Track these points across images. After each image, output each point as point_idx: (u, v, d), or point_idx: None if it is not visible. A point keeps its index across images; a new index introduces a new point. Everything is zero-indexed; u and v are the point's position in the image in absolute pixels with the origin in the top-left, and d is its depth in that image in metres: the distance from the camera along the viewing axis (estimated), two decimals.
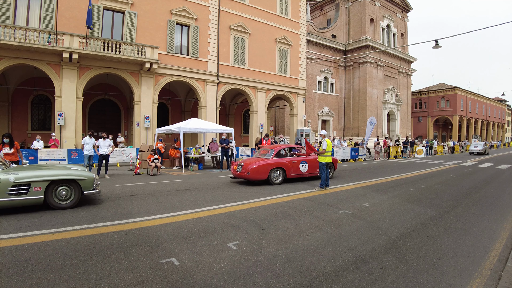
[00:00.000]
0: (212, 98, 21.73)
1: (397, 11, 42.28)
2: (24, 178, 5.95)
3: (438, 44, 18.50)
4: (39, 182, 6.10)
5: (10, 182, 5.80)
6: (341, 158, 20.04)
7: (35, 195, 6.04)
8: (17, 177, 5.89)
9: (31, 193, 6.01)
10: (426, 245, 4.42)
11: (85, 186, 6.64)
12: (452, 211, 6.58)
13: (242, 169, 9.88)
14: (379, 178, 11.71)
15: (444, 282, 3.30)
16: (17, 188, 5.85)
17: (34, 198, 6.05)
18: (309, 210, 6.45)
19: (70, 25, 16.41)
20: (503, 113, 75.69)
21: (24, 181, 5.93)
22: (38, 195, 6.08)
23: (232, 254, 3.97)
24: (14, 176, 5.88)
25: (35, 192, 6.05)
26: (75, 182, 6.55)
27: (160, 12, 19.37)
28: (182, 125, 14.68)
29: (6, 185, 5.74)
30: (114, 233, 4.79)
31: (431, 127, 55.94)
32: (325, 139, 9.24)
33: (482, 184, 10.57)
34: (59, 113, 16.24)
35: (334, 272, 3.50)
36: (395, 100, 41.38)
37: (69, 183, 6.50)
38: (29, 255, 3.82)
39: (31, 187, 6.00)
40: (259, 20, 23.90)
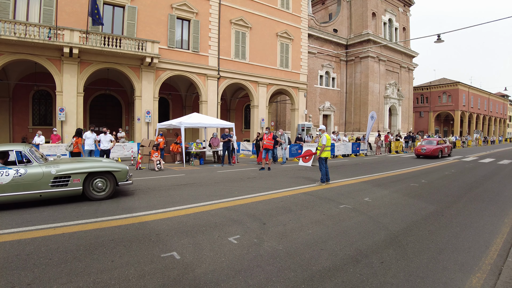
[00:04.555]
0: (213, 93, 21.68)
1: (399, 5, 41.90)
2: (64, 171, 6.35)
3: (440, 38, 18.34)
4: (78, 174, 6.51)
5: (52, 175, 6.19)
6: (342, 153, 20.03)
7: (74, 186, 6.45)
8: (58, 169, 6.29)
9: (71, 185, 6.41)
10: (427, 240, 4.43)
11: (119, 178, 7.05)
12: (453, 206, 6.58)
13: (427, 151, 18.70)
14: (380, 173, 11.71)
15: (444, 277, 3.31)
16: (58, 180, 6.25)
17: (74, 189, 6.46)
18: (310, 204, 6.46)
19: (70, 19, 16.33)
20: (505, 108, 75.29)
21: (64, 173, 6.33)
22: (77, 186, 6.49)
23: (233, 248, 3.98)
24: (55, 168, 6.28)
25: (75, 184, 6.46)
26: (111, 174, 6.94)
27: (161, 6, 19.25)
28: (183, 120, 14.67)
29: (49, 177, 6.14)
30: (115, 227, 4.81)
31: (432, 122, 55.73)
32: (324, 134, 9.23)
33: (483, 179, 10.56)
34: (60, 108, 16.24)
35: (334, 266, 3.51)
36: (397, 95, 41.20)
37: (105, 175, 6.88)
38: (31, 250, 3.84)
39: (71, 179, 6.41)
40: (260, 14, 23.74)
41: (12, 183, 5.83)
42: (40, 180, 6.08)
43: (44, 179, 6.11)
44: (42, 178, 6.10)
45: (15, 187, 5.86)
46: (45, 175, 6.13)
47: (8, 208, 5.81)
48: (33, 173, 6.06)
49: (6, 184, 5.77)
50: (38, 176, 6.08)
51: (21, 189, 5.93)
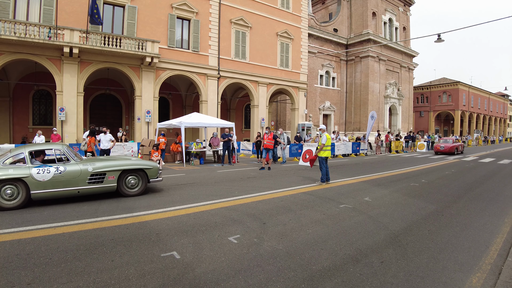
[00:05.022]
0: (213, 93, 21.68)
1: (399, 4, 41.88)
2: (100, 168, 6.72)
3: (440, 38, 18.32)
4: (113, 171, 6.88)
5: (89, 172, 6.57)
6: (342, 153, 20.04)
7: (109, 183, 6.83)
8: (94, 167, 6.67)
9: (106, 182, 6.79)
10: (427, 240, 4.43)
11: (151, 175, 7.42)
12: (453, 205, 6.58)
13: (445, 148, 21.90)
14: (380, 173, 11.71)
15: (444, 276, 3.31)
16: (95, 177, 6.62)
17: (109, 186, 6.84)
18: (310, 204, 6.46)
19: (70, 19, 16.33)
20: (506, 108, 75.24)
21: (100, 171, 6.70)
22: (112, 183, 6.87)
23: (233, 248, 3.98)
24: (92, 166, 6.66)
25: (110, 181, 6.83)
26: (143, 171, 7.31)
27: (161, 6, 19.25)
28: (183, 119, 14.67)
29: (86, 175, 6.53)
30: (115, 227, 4.81)
31: (432, 121, 55.71)
32: (325, 133, 9.22)
33: (483, 179, 10.55)
34: (60, 108, 16.25)
35: (334, 266, 3.51)
36: (397, 95, 41.18)
37: (137, 172, 7.25)
38: (31, 249, 3.85)
39: (106, 176, 6.77)
40: (260, 13, 23.73)
41: (53, 180, 6.16)
42: (78, 177, 6.46)
43: (82, 176, 6.49)
44: (80, 175, 6.47)
45: (56, 184, 6.19)
46: (82, 173, 6.50)
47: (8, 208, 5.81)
48: (72, 170, 6.41)
49: (47, 181, 6.11)
50: (77, 174, 6.45)
51: (61, 185, 6.27)
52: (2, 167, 5.97)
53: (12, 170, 5.95)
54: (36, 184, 6.03)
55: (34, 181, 6.00)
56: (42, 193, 6.09)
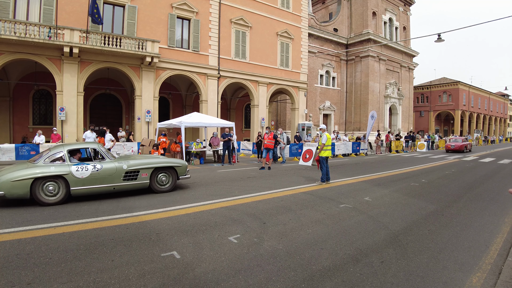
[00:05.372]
0: (213, 92, 21.67)
1: (399, 4, 41.86)
2: (134, 166, 7.10)
3: (440, 37, 18.33)
4: (146, 169, 7.26)
5: (124, 169, 6.94)
6: (342, 153, 20.04)
7: (142, 180, 7.21)
8: (128, 165, 7.05)
9: (140, 178, 7.17)
10: (427, 239, 4.43)
11: (180, 172, 7.83)
12: (453, 205, 6.58)
13: (455, 147, 24.44)
14: (380, 173, 11.71)
15: (444, 276, 3.31)
16: (129, 174, 7.00)
17: (142, 182, 7.21)
18: (310, 204, 6.46)
19: (71, 19, 16.32)
20: (506, 107, 75.21)
21: (134, 168, 7.08)
22: (145, 180, 7.25)
23: (233, 248, 3.98)
24: (126, 164, 7.03)
25: (143, 178, 7.21)
26: (173, 169, 7.69)
27: (161, 5, 19.24)
28: (183, 119, 14.66)
29: (121, 172, 6.90)
30: (115, 226, 4.81)
31: (433, 121, 55.69)
32: (325, 133, 9.22)
33: (483, 179, 10.55)
34: (60, 108, 16.24)
35: (334, 266, 3.51)
36: (397, 95, 41.17)
37: (168, 170, 7.62)
38: (31, 249, 3.85)
39: (140, 173, 7.15)
40: (260, 13, 23.72)
41: (91, 177, 6.53)
42: (114, 174, 6.81)
43: (117, 174, 6.85)
44: (115, 173, 6.83)
45: (93, 181, 6.56)
46: (118, 170, 6.86)
47: (8, 208, 5.81)
48: (108, 168, 6.77)
49: (85, 178, 6.47)
50: (112, 171, 6.80)
51: (98, 182, 6.64)
52: (44, 165, 6.30)
53: (53, 168, 6.28)
54: (76, 181, 6.38)
55: (73, 178, 6.36)
56: (80, 190, 6.46)
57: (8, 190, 5.83)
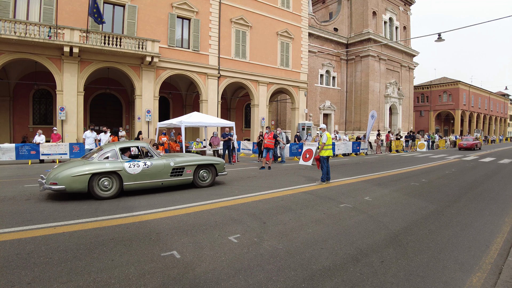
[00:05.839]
0: (213, 92, 21.67)
1: (399, 4, 41.83)
2: (180, 163, 7.68)
3: (440, 37, 18.31)
4: (190, 166, 7.86)
5: (171, 166, 7.49)
6: (342, 152, 20.04)
7: (187, 176, 7.80)
8: (175, 162, 7.59)
9: (185, 175, 7.75)
10: (427, 239, 4.42)
11: (219, 169, 8.44)
12: (453, 205, 6.57)
13: (467, 145, 27.41)
14: (380, 172, 11.70)
15: (444, 276, 3.31)
16: (176, 171, 7.58)
17: (187, 178, 7.80)
18: (310, 203, 6.45)
19: (71, 18, 16.32)
20: (506, 107, 75.17)
21: (180, 165, 7.66)
22: (189, 176, 7.85)
23: (233, 247, 3.98)
24: (173, 161, 7.57)
25: (187, 174, 7.80)
26: (213, 166, 8.33)
27: (161, 5, 19.24)
28: (183, 119, 14.65)
29: (168, 169, 7.45)
30: (115, 226, 4.81)
31: (433, 121, 55.67)
32: (325, 132, 9.21)
33: (483, 179, 10.55)
34: (60, 108, 16.25)
35: (334, 265, 3.51)
36: (397, 94, 41.15)
37: (209, 167, 8.25)
38: (31, 249, 3.84)
39: (185, 170, 7.74)
40: (261, 13, 23.71)
41: (142, 173, 7.05)
42: (162, 171, 7.35)
43: (165, 170, 7.40)
44: (164, 169, 7.37)
45: (144, 177, 7.09)
46: (165, 167, 7.40)
47: (8, 208, 5.81)
48: (157, 164, 7.31)
49: (137, 174, 6.99)
50: (161, 167, 7.34)
51: (148, 178, 7.16)
52: (99, 162, 6.78)
53: (108, 164, 6.77)
54: (128, 177, 6.88)
55: (126, 174, 6.86)
56: (132, 185, 6.97)
57: (68, 184, 6.30)
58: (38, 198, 6.68)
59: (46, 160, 14.24)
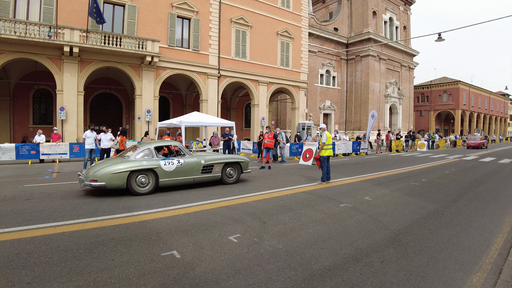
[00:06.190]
0: (213, 92, 21.66)
1: (399, 4, 41.82)
2: (209, 161, 8.20)
3: (441, 37, 18.31)
4: (219, 163, 8.39)
5: (202, 164, 8.03)
6: (343, 152, 20.03)
7: (215, 173, 8.31)
8: (205, 160, 8.14)
9: (213, 172, 8.26)
10: (427, 239, 4.42)
11: (244, 167, 8.96)
12: (453, 205, 6.57)
13: (475, 144, 29.97)
14: (380, 172, 11.70)
15: (444, 276, 3.31)
16: (206, 168, 8.11)
17: (215, 175, 8.32)
18: (310, 203, 6.45)
19: (71, 18, 16.32)
20: (506, 107, 75.16)
21: (210, 163, 8.19)
22: (218, 173, 8.36)
23: (233, 247, 3.98)
24: (203, 159, 8.11)
25: (216, 171, 8.32)
26: (239, 164, 8.84)
27: (161, 5, 19.23)
28: (183, 118, 14.63)
29: (199, 166, 7.99)
30: (115, 226, 4.80)
31: (433, 121, 55.66)
32: (325, 132, 9.20)
33: (483, 178, 10.54)
34: (60, 107, 16.25)
35: (335, 265, 3.51)
36: (397, 94, 41.14)
37: (234, 165, 8.76)
38: (31, 248, 3.84)
39: (214, 167, 8.27)
40: (261, 12, 23.70)
41: (176, 170, 7.54)
42: (194, 168, 7.87)
43: (197, 167, 7.92)
44: (195, 166, 7.89)
45: (177, 174, 7.58)
46: (197, 164, 7.92)
47: (7, 208, 5.81)
48: (190, 162, 7.83)
49: (171, 171, 7.47)
50: (193, 165, 7.86)
51: (181, 175, 7.66)
52: (136, 160, 7.23)
53: (145, 162, 7.22)
54: (163, 174, 7.33)
55: (162, 171, 7.31)
56: (167, 181, 7.43)
57: (108, 181, 6.70)
58: (38, 198, 6.68)
59: (46, 160, 14.24)
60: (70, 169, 12.08)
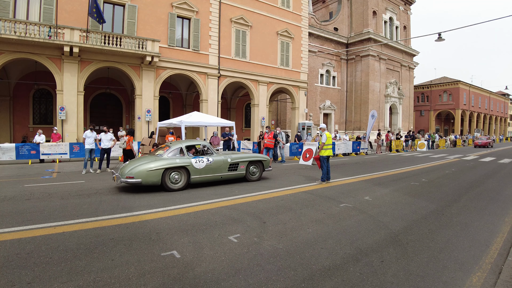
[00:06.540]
0: (213, 92, 21.66)
1: (400, 3, 41.81)
2: (235, 159, 8.70)
3: (441, 37, 18.31)
4: (243, 162, 8.88)
5: (229, 162, 8.51)
6: (343, 152, 20.03)
7: (240, 171, 8.82)
8: (231, 158, 8.63)
9: (239, 170, 8.76)
10: (427, 239, 4.42)
11: (265, 165, 9.50)
12: (453, 205, 6.57)
13: (482, 143, 32.17)
14: (380, 172, 11.70)
15: (444, 276, 3.31)
16: (232, 166, 8.59)
17: (240, 173, 8.83)
18: (310, 203, 6.45)
19: (71, 18, 16.32)
20: (506, 107, 75.14)
21: (235, 161, 8.67)
22: (243, 171, 8.87)
23: (233, 247, 3.98)
24: (230, 158, 8.60)
25: (241, 169, 8.82)
26: (261, 162, 9.36)
27: (161, 5, 19.23)
28: (183, 118, 14.63)
29: (227, 164, 8.48)
30: (115, 226, 4.81)
31: (433, 121, 55.65)
32: (325, 132, 9.20)
33: (483, 178, 10.54)
34: (60, 107, 16.25)
35: (334, 265, 3.51)
36: (397, 94, 41.14)
37: (257, 163, 9.27)
38: (31, 248, 3.85)
39: (239, 166, 8.75)
40: (261, 12, 23.70)
41: (206, 168, 8.03)
42: (222, 166, 8.35)
43: (224, 165, 8.40)
44: (223, 164, 8.38)
45: (207, 171, 8.07)
46: (224, 162, 8.40)
47: (8, 207, 5.82)
48: (218, 160, 8.31)
49: (202, 169, 7.95)
50: (221, 163, 8.35)
51: (210, 172, 8.14)
52: (169, 158, 7.68)
53: (178, 160, 7.70)
54: (194, 171, 7.82)
55: (193, 168, 7.80)
56: (198, 178, 7.92)
57: (144, 178, 7.13)
58: (38, 198, 6.68)
59: (46, 160, 14.24)
60: (70, 169, 12.08)
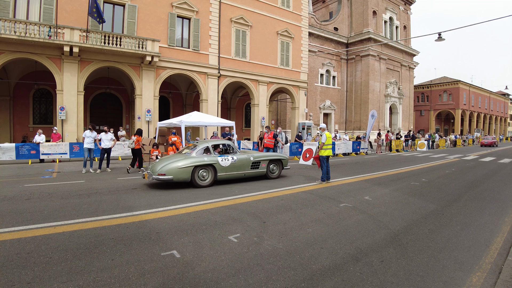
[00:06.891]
0: (213, 92, 21.66)
1: (400, 3, 41.79)
2: (257, 158, 9.16)
3: (441, 37, 18.31)
4: (265, 160, 9.33)
5: (251, 160, 8.98)
6: (343, 152, 20.02)
7: (262, 169, 9.27)
8: (254, 157, 9.12)
9: (260, 168, 9.21)
10: (427, 239, 4.42)
11: (284, 164, 9.89)
12: (453, 204, 6.57)
13: (488, 142, 34.36)
14: (380, 172, 11.70)
15: (444, 275, 3.31)
16: (254, 164, 9.07)
17: (262, 171, 9.28)
18: (310, 203, 6.45)
19: (71, 18, 16.32)
20: (506, 107, 75.12)
21: (257, 159, 9.14)
22: (264, 169, 9.32)
23: (233, 247, 3.98)
24: (252, 156, 9.07)
25: (262, 167, 9.26)
26: (280, 161, 9.77)
27: (161, 4, 19.23)
28: (183, 118, 14.62)
29: (249, 162, 8.94)
30: (115, 226, 4.81)
31: (433, 120, 55.64)
32: (325, 132, 9.19)
33: (483, 178, 10.54)
34: (60, 107, 16.25)
35: (334, 265, 3.51)
36: (397, 94, 41.13)
37: (277, 161, 9.71)
38: (31, 248, 3.85)
39: (260, 164, 9.20)
40: (261, 12, 23.69)
41: (231, 166, 8.49)
42: (245, 164, 8.81)
43: (247, 163, 8.85)
44: (246, 162, 8.82)
45: (232, 169, 8.54)
46: (247, 161, 8.84)
47: (8, 208, 5.82)
48: (242, 158, 8.77)
49: (227, 166, 8.42)
50: (244, 161, 8.80)
51: (235, 170, 8.59)
52: (198, 156, 8.14)
53: (206, 158, 8.14)
54: (221, 169, 8.28)
55: (220, 166, 8.26)
56: (224, 175, 8.38)
57: (175, 175, 7.57)
58: (38, 198, 6.69)
59: (46, 160, 14.24)
60: (70, 169, 12.08)
